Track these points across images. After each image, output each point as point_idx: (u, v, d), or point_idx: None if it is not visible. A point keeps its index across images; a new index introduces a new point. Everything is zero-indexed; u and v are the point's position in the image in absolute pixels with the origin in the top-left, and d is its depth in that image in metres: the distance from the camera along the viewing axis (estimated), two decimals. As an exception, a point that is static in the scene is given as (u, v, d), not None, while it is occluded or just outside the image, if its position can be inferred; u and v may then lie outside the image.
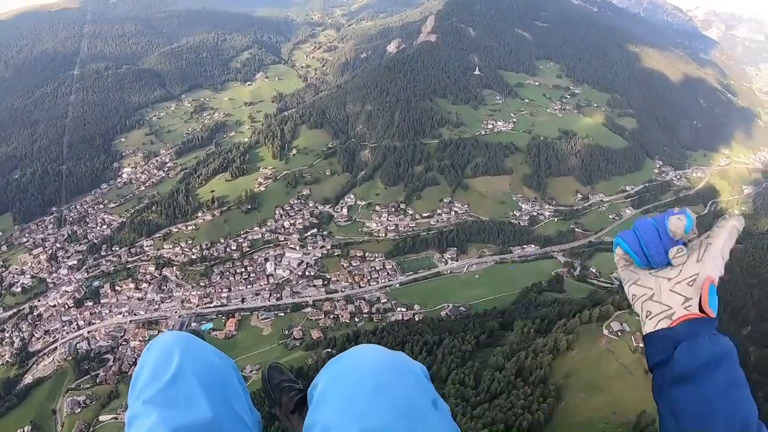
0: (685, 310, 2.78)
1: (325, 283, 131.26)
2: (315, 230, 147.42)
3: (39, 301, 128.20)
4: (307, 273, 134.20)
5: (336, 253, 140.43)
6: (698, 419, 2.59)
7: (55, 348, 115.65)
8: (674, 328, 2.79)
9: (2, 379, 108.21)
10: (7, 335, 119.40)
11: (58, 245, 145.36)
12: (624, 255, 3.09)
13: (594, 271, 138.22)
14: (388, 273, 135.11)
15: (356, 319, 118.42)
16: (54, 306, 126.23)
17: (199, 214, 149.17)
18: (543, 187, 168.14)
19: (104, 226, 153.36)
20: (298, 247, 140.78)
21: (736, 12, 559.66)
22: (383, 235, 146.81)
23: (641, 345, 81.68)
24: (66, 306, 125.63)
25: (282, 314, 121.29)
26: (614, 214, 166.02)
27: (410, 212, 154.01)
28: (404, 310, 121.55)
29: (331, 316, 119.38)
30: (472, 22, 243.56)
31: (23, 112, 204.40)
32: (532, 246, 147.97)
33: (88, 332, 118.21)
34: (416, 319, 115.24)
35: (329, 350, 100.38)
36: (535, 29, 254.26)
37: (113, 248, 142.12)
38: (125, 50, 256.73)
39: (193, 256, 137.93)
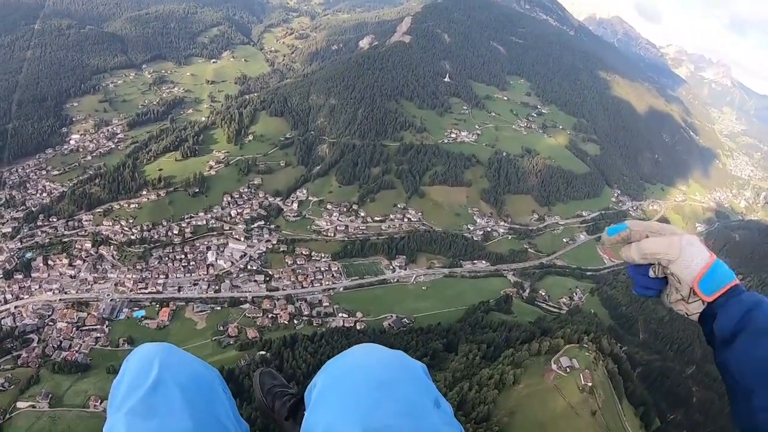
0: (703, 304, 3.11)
1: (267, 279, 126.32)
2: (262, 222, 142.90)
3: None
4: (249, 267, 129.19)
5: (281, 249, 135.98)
6: (750, 369, 2.75)
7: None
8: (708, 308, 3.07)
9: None
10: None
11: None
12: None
13: (543, 294, 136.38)
14: (333, 275, 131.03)
15: (295, 321, 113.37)
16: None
17: (144, 193, 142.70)
18: (500, 204, 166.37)
19: (44, 194, 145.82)
20: (242, 239, 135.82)
21: (706, 54, 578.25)
22: (332, 235, 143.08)
23: (589, 384, 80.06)
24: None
25: (219, 308, 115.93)
26: (568, 237, 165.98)
27: (362, 214, 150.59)
28: (346, 316, 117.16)
29: (270, 316, 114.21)
30: (448, 29, 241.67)
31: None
32: (483, 262, 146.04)
33: (15, 307, 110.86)
34: (358, 327, 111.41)
35: (263, 353, 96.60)
36: (510, 44, 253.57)
37: (51, 219, 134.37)
38: (91, 10, 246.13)
39: (133, 237, 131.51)
